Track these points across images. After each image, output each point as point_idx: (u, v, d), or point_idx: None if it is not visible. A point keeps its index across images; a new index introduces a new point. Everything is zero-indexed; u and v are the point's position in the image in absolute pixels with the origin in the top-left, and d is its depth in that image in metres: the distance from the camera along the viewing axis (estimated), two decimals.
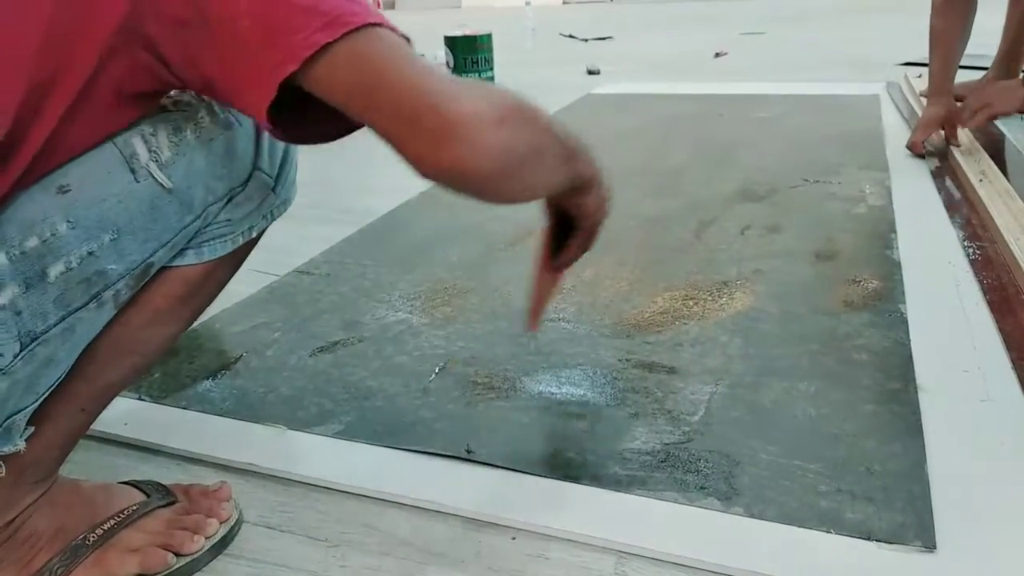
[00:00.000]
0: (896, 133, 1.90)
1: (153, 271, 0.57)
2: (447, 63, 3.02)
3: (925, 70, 2.51)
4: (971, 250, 1.16)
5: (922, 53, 2.95)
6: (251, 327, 1.02)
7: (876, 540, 0.60)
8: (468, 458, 0.72)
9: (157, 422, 0.82)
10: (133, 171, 0.54)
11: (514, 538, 0.64)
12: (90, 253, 0.52)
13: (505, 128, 0.50)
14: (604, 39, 4.48)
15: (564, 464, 0.71)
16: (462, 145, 0.48)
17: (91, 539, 0.60)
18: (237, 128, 0.59)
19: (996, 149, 1.65)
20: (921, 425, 0.74)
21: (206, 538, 0.63)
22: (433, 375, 0.88)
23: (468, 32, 3.00)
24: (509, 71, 3.21)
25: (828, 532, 0.61)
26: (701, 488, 0.67)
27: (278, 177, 0.63)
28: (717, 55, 3.50)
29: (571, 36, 4.67)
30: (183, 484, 0.69)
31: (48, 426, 0.57)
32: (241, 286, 1.14)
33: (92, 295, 0.53)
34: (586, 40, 4.49)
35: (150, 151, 0.54)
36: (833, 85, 2.51)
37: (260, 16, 0.47)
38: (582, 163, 0.60)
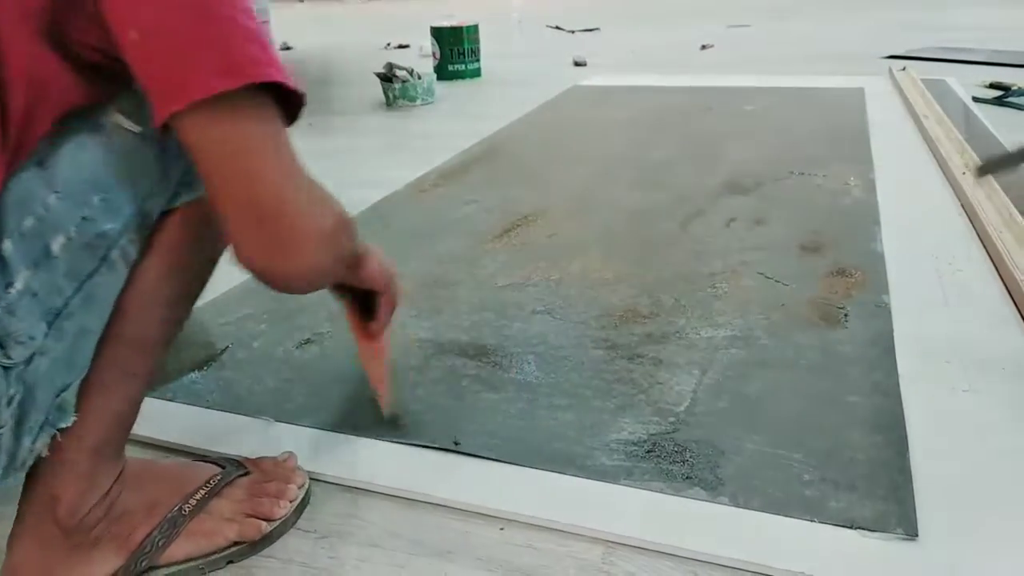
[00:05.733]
0: (880, 126, 1.91)
1: (152, 219, 0.57)
2: (433, 54, 3.01)
3: (909, 63, 2.54)
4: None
5: (906, 46, 2.98)
6: (237, 319, 1.02)
7: (859, 528, 0.61)
8: (456, 450, 0.72)
9: (143, 414, 0.81)
10: (102, 127, 0.53)
11: (502, 528, 0.65)
12: (84, 218, 0.52)
13: (333, 248, 0.56)
14: (591, 31, 4.46)
15: (551, 455, 0.71)
16: (298, 259, 0.53)
17: (186, 509, 0.62)
18: None
19: (980, 142, 1.66)
20: (904, 415, 0.75)
21: (289, 502, 0.66)
22: (421, 367, 0.88)
23: (455, 23, 2.98)
24: (495, 62, 3.20)
25: (812, 521, 0.62)
26: (687, 478, 0.67)
27: None
28: (704, 47, 3.50)
29: (558, 27, 4.66)
30: (250, 457, 0.70)
31: (103, 398, 0.57)
32: (227, 277, 1.13)
33: (100, 259, 0.53)
34: (573, 31, 4.48)
35: (113, 111, 0.53)
36: (818, 78, 2.52)
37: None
38: (352, 243, 0.62)
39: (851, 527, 0.61)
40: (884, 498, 0.64)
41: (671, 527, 0.62)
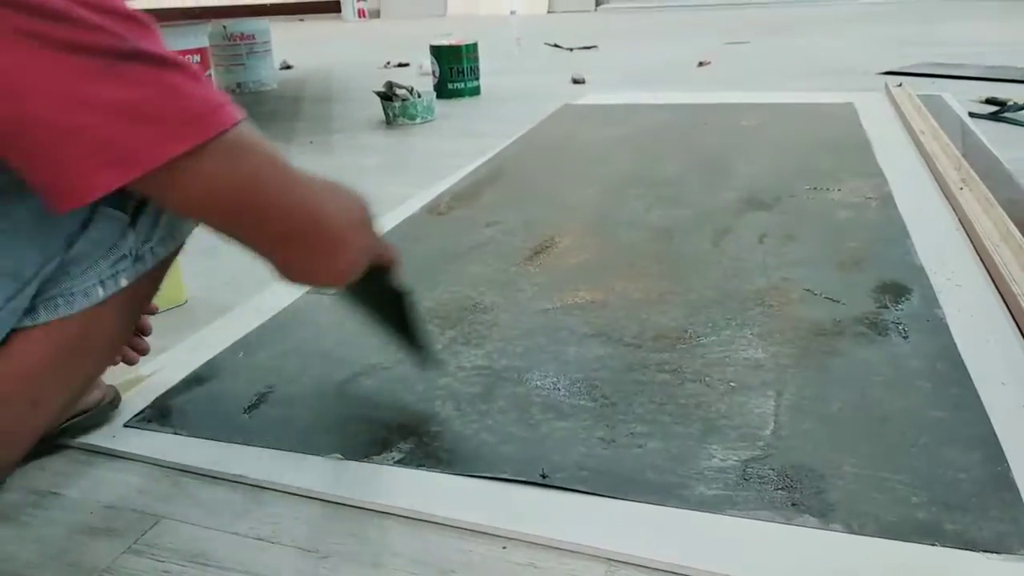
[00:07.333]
0: (881, 140, 1.91)
1: None
2: (433, 72, 3.00)
3: (905, 79, 2.58)
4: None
5: (903, 61, 3.02)
6: (279, 352, 0.98)
7: (983, 551, 0.59)
8: (544, 484, 0.70)
9: (197, 454, 0.77)
10: None
11: (504, 547, 0.64)
12: None
13: (369, 229, 0.62)
14: (589, 48, 4.48)
15: (647, 486, 0.69)
16: (347, 254, 0.58)
17: None
18: None
19: (976, 157, 1.66)
20: (994, 429, 0.73)
21: None
22: (485, 395, 0.85)
23: (454, 41, 2.98)
24: (494, 80, 3.19)
25: (933, 545, 0.60)
26: (794, 505, 0.65)
27: (138, 211, 0.58)
28: (701, 64, 3.53)
29: (556, 45, 4.67)
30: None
31: None
32: (257, 311, 1.10)
33: None
34: (571, 49, 4.49)
35: None
36: (811, 94, 2.54)
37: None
38: (375, 215, 0.67)
39: (973, 549, 0.59)
40: (999, 518, 0.62)
41: (673, 544, 0.61)
